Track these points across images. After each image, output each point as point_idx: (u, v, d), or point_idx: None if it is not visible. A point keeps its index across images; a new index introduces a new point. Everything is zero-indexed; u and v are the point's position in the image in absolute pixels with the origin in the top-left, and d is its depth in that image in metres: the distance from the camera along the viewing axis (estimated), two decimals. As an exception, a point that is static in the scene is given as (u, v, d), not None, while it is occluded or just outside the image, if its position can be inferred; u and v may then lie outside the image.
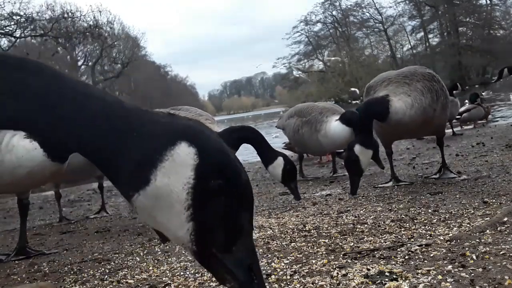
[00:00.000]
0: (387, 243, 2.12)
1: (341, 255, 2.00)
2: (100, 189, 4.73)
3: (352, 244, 2.17)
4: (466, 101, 10.50)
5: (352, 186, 3.50)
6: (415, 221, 2.46)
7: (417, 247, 1.95)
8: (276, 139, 14.86)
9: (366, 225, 2.50)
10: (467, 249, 1.85)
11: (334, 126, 4.68)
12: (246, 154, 11.64)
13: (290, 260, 2.03)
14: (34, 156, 2.35)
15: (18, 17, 19.73)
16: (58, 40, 19.58)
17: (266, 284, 1.74)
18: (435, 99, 3.51)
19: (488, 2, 52.61)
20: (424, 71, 3.68)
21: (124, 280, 2.05)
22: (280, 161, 3.36)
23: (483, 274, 1.57)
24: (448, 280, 1.56)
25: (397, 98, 3.46)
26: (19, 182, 2.46)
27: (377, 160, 3.65)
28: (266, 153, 3.41)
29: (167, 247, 2.65)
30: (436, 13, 55.06)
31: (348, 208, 3.07)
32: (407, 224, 2.41)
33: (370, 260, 1.90)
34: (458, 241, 1.98)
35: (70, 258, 2.69)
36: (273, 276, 1.82)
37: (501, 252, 1.75)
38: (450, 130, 8.31)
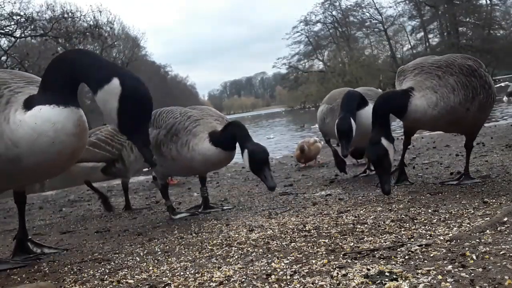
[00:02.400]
0: (387, 243, 2.12)
1: (341, 255, 2.00)
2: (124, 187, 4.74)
3: (352, 244, 2.17)
4: None
5: (384, 183, 3.06)
6: (415, 221, 2.46)
7: (417, 247, 1.95)
8: (268, 141, 14.92)
9: (366, 225, 2.50)
10: (467, 249, 1.85)
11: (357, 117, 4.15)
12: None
13: (290, 260, 2.03)
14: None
15: (18, 17, 19.73)
16: (58, 40, 19.58)
17: (266, 284, 1.75)
18: (470, 97, 3.12)
19: (488, 2, 52.68)
20: (464, 62, 3.23)
21: (124, 280, 2.05)
22: (246, 152, 3.20)
23: (483, 274, 1.57)
24: (448, 280, 1.56)
25: (420, 94, 3.14)
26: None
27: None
28: (241, 144, 3.26)
29: (167, 247, 2.65)
30: (436, 13, 55.09)
31: (348, 208, 3.07)
32: (407, 224, 2.41)
33: (370, 260, 1.90)
34: (458, 241, 1.98)
35: (70, 258, 2.69)
36: (273, 276, 1.82)
37: (501, 252, 1.75)
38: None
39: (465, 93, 3.12)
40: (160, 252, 2.54)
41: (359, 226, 2.49)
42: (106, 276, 2.17)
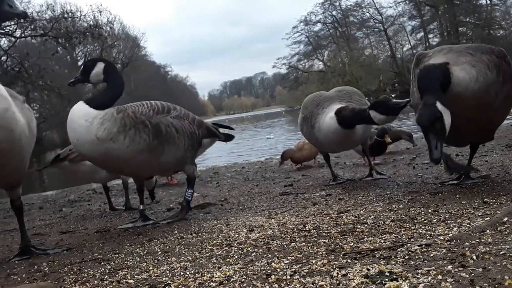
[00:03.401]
0: (387, 243, 2.12)
1: (341, 255, 2.00)
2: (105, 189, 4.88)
3: (352, 244, 2.17)
4: None
5: (434, 149, 2.73)
6: (415, 221, 2.46)
7: (417, 247, 1.95)
8: (268, 141, 14.91)
9: (366, 225, 2.50)
10: (467, 249, 1.85)
11: (328, 120, 4.02)
12: (246, 154, 11.64)
13: (290, 260, 2.03)
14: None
15: (18, 17, 19.69)
16: (58, 40, 19.57)
17: (266, 284, 1.75)
18: (501, 81, 2.88)
19: (488, 2, 52.70)
20: (493, 47, 3.07)
21: (124, 280, 2.05)
22: None
23: (483, 274, 1.57)
24: (448, 280, 1.56)
25: (460, 68, 2.86)
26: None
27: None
28: None
29: (167, 247, 2.65)
30: (436, 13, 55.12)
31: (348, 208, 3.07)
32: (407, 224, 2.41)
33: (370, 260, 1.90)
34: (458, 241, 1.98)
35: (70, 258, 2.69)
36: (273, 276, 1.82)
37: (501, 252, 1.75)
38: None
39: (498, 73, 2.88)
40: (160, 252, 2.54)
41: (359, 226, 2.49)
42: (106, 276, 2.17)
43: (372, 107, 3.76)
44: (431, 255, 1.85)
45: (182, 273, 2.04)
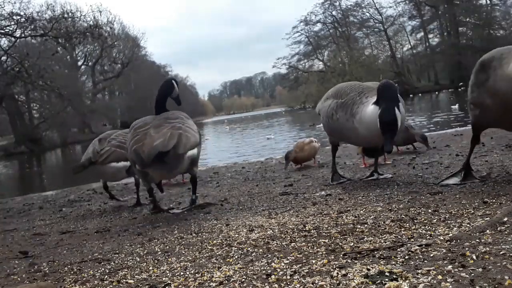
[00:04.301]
0: (387, 243, 2.12)
1: (341, 255, 2.00)
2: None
3: (352, 244, 2.17)
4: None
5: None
6: (415, 221, 2.46)
7: (417, 247, 1.95)
8: (268, 141, 14.92)
9: (366, 225, 2.50)
10: (467, 249, 1.85)
11: (371, 110, 3.73)
12: (246, 154, 11.65)
13: (290, 260, 2.03)
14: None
15: (18, 17, 19.79)
16: (58, 40, 19.60)
17: (266, 284, 1.75)
18: None
19: (488, 2, 52.70)
20: None
21: (124, 280, 2.06)
22: None
23: (483, 274, 1.57)
24: (448, 280, 1.56)
25: None
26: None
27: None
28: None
29: (167, 247, 2.65)
30: (436, 13, 55.11)
31: (348, 208, 3.07)
32: (407, 224, 2.41)
33: (370, 260, 1.90)
34: (458, 241, 1.98)
35: (70, 258, 2.69)
36: (273, 276, 1.82)
37: (501, 252, 1.75)
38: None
39: None
40: (160, 252, 2.54)
41: (359, 226, 2.49)
42: (106, 276, 2.17)
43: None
44: (431, 255, 1.85)
45: (182, 273, 2.04)
